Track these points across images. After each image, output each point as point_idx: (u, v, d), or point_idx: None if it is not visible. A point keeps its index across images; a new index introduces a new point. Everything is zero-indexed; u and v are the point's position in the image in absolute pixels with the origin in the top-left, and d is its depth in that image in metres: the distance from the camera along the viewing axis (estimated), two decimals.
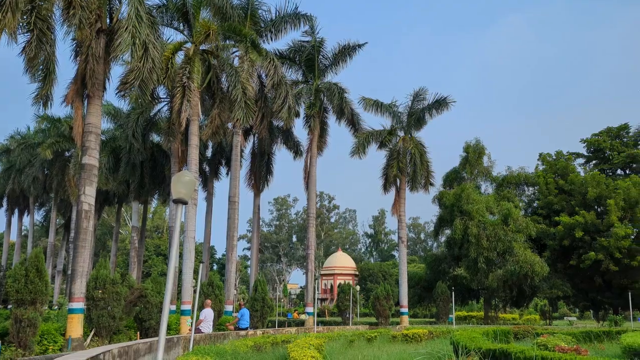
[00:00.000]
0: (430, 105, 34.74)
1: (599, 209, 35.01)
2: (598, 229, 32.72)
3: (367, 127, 35.30)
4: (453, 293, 32.25)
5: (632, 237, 32.19)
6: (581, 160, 46.32)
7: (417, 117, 35.16)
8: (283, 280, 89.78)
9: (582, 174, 40.07)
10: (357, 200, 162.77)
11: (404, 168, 34.52)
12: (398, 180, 35.16)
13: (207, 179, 36.49)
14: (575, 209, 34.58)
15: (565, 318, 52.64)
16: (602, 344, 15.87)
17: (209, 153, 36.61)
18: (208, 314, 17.05)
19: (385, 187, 35.32)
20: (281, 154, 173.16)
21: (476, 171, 40.79)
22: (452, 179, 41.62)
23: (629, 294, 29.33)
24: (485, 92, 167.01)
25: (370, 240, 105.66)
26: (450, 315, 33.02)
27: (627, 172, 42.75)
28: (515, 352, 8.09)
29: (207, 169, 36.84)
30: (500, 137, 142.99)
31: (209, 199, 36.03)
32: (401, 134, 35.81)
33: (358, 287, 45.38)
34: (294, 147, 35.00)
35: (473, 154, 40.38)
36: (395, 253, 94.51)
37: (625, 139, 44.05)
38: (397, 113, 35.49)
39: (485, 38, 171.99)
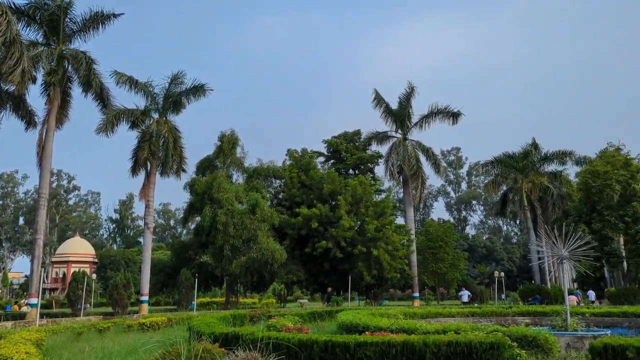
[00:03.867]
0: (188, 90, 34.40)
1: (332, 203, 39.40)
2: (330, 221, 36.81)
3: (120, 105, 33.09)
4: (197, 280, 32.45)
5: (356, 228, 37.15)
6: (322, 159, 51.61)
7: (174, 101, 34.41)
8: (4, 269, 77.94)
9: (321, 171, 44.63)
10: (103, 182, 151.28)
11: (156, 152, 33.36)
12: (149, 164, 33.81)
13: None
14: (313, 202, 38.25)
15: (298, 301, 57.85)
16: (324, 322, 17.93)
17: None
18: None
19: (135, 170, 33.65)
20: (10, 123, 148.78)
21: (229, 161, 41.69)
22: (205, 166, 41.75)
23: (350, 278, 33.82)
24: (248, 85, 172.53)
25: (115, 225, 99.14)
26: (193, 302, 33.18)
27: (357, 172, 49.24)
28: (245, 334, 8.48)
29: None
30: (259, 129, 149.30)
31: None
32: (156, 116, 34.49)
33: (95, 276, 42.13)
34: (27, 117, 30.57)
35: (227, 144, 41.17)
36: (141, 239, 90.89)
37: (357, 143, 50.64)
38: (153, 94, 34.13)
39: (247, 33, 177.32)
